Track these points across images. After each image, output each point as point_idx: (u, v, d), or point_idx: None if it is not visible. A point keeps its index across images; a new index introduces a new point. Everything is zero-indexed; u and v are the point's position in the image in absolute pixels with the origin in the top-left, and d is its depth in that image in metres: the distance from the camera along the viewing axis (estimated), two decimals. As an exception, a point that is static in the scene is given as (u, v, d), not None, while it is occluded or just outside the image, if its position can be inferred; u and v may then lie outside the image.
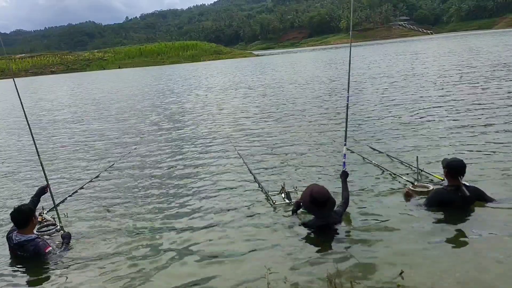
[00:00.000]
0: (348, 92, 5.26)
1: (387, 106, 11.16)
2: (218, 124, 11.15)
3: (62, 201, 5.71)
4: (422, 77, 17.00)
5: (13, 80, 5.41)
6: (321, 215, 4.08)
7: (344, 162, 4.87)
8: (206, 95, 19.62)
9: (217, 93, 20.00)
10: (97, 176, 6.91)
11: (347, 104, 5.15)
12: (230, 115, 12.52)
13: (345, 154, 4.98)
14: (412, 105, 10.79)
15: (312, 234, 4.06)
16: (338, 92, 15.36)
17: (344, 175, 4.69)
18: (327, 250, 3.75)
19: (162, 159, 7.82)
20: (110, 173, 7.14)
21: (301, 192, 4.50)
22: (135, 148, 8.97)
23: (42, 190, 4.99)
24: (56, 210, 4.67)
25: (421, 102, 11.16)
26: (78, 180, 6.88)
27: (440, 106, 10.23)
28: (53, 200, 4.74)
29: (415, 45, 53.45)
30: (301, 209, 4.51)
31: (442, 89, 13.04)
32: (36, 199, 4.89)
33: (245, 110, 13.17)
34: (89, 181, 6.64)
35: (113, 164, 7.65)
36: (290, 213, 4.55)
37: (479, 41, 45.55)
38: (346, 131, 5.17)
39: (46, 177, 4.78)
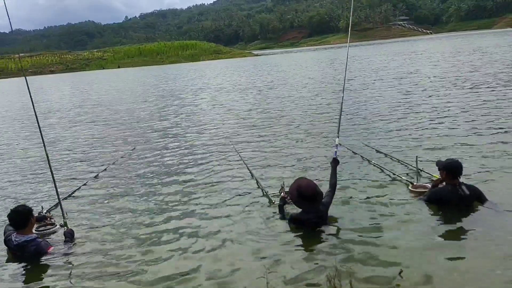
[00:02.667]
0: (343, 91, 5.78)
1: (388, 106, 11.16)
2: (218, 124, 11.15)
3: (65, 198, 5.70)
4: (424, 77, 16.99)
5: (25, 78, 5.33)
6: (309, 209, 4.10)
7: (335, 152, 4.84)
8: (206, 95, 19.62)
9: (218, 93, 19.99)
10: (97, 175, 6.90)
11: (342, 96, 5.65)
12: (229, 115, 12.51)
13: (337, 145, 4.99)
14: (413, 105, 10.79)
15: (310, 233, 4.06)
16: (340, 92, 15.36)
17: (335, 162, 4.65)
18: (326, 250, 3.75)
19: (162, 158, 7.82)
20: (111, 172, 7.12)
21: None
22: (134, 148, 8.96)
23: (43, 218, 4.78)
24: (61, 206, 4.64)
25: (422, 102, 11.15)
26: (79, 178, 6.86)
27: (441, 106, 10.22)
28: (58, 196, 4.70)
29: (417, 45, 53.39)
30: (286, 204, 4.55)
31: (444, 89, 13.02)
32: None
33: (244, 110, 13.16)
34: (89, 180, 6.63)
35: (114, 163, 7.65)
36: (278, 209, 4.56)
37: (483, 41, 45.52)
38: (339, 124, 5.34)
39: (52, 175, 4.71)
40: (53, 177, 4.72)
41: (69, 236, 4.27)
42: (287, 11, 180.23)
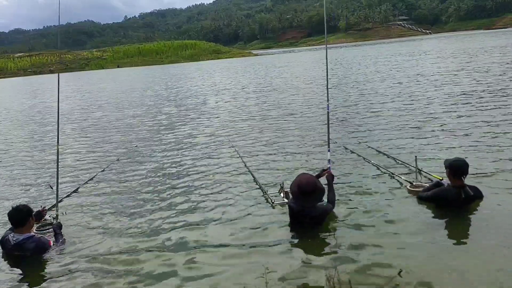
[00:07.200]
0: (328, 101, 5.38)
1: (388, 106, 11.16)
2: (218, 124, 11.14)
3: (61, 200, 5.70)
4: (424, 77, 17.00)
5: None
6: (303, 202, 4.09)
7: (329, 167, 4.85)
8: (207, 95, 19.62)
9: (221, 94, 19.99)
10: (97, 175, 6.91)
11: (328, 112, 5.28)
12: (229, 116, 12.51)
13: (329, 160, 4.98)
14: (413, 105, 10.79)
15: (310, 233, 4.06)
16: (342, 91, 15.37)
17: (331, 177, 4.66)
18: (325, 250, 3.75)
19: (162, 158, 7.81)
20: (109, 171, 7.13)
21: None
22: (135, 146, 8.98)
23: (39, 214, 4.68)
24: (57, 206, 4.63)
25: (422, 102, 11.14)
26: (77, 179, 6.86)
27: (440, 106, 10.23)
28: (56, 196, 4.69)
29: (420, 45, 53.20)
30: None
31: (445, 88, 13.03)
32: None
33: (244, 111, 13.16)
34: (88, 180, 6.63)
35: (113, 162, 7.66)
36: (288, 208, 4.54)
37: (486, 41, 45.53)
38: (328, 137, 5.17)
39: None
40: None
41: (58, 228, 4.33)
42: (287, 11, 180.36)
